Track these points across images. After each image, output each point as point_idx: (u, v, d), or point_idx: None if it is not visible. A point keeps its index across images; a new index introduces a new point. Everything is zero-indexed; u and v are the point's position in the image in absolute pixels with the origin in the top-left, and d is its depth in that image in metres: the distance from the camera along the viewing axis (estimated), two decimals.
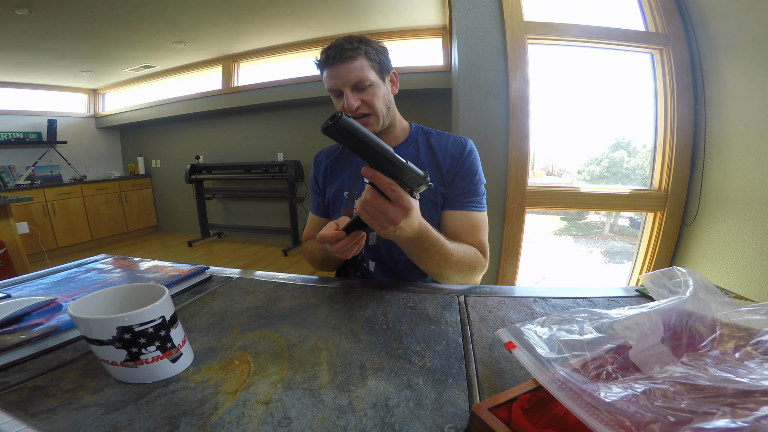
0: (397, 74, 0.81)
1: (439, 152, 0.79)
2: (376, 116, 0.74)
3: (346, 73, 0.70)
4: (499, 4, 1.52)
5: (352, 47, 0.70)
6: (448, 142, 0.80)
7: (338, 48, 0.70)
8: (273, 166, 3.72)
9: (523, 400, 0.28)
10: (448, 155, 0.78)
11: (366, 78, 0.71)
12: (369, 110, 0.73)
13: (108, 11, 2.46)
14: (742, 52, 1.26)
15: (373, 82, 0.73)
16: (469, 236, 0.75)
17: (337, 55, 0.70)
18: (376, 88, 0.73)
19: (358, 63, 0.70)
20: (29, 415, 0.32)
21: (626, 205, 1.67)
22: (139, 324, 0.34)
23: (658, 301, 0.35)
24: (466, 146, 0.79)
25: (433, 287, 0.60)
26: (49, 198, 3.65)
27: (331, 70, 0.72)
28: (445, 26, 2.94)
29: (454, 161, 0.77)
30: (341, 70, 0.70)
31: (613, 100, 1.82)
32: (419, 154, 0.80)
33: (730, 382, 0.24)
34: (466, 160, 0.77)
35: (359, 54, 0.71)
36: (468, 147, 0.79)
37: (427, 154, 0.80)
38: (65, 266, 0.71)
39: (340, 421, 0.30)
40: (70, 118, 4.34)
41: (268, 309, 0.53)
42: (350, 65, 0.70)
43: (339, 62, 0.70)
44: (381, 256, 0.80)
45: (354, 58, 0.70)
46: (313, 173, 0.90)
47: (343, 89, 0.71)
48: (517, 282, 1.79)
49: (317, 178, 0.89)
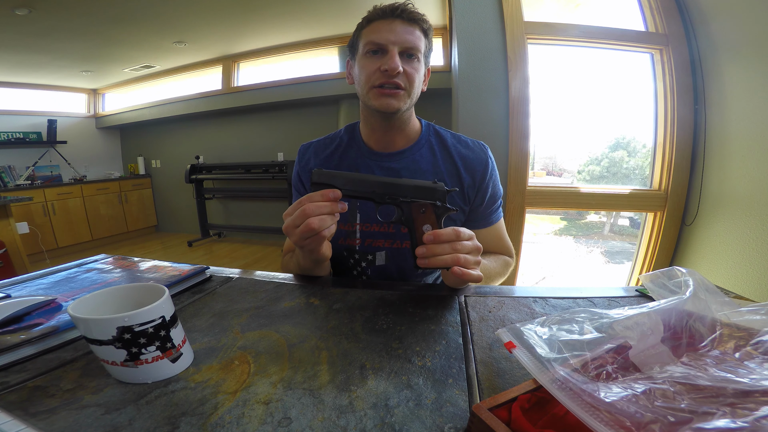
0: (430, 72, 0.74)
1: (459, 162, 0.71)
2: (408, 94, 0.65)
3: (405, 33, 0.62)
4: (499, 4, 1.52)
5: (420, 15, 0.64)
6: (468, 151, 0.73)
7: (407, 7, 0.63)
8: (273, 166, 3.72)
9: (523, 400, 0.28)
10: (470, 169, 0.71)
11: (419, 48, 0.64)
12: (406, 84, 0.64)
13: (108, 11, 2.46)
14: (742, 52, 1.26)
15: (421, 60, 0.66)
16: (497, 246, 0.77)
17: (404, 13, 0.63)
18: (421, 66, 0.66)
19: (418, 31, 0.64)
20: (29, 415, 0.31)
21: (626, 205, 1.67)
22: (139, 324, 0.34)
23: (658, 301, 0.35)
24: (489, 162, 0.73)
25: (433, 287, 0.60)
26: (49, 198, 3.65)
27: (385, 23, 0.63)
28: (445, 26, 2.94)
29: (476, 178, 0.71)
30: (399, 26, 0.62)
31: (613, 100, 1.82)
32: (437, 160, 0.72)
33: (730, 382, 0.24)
34: (490, 179, 0.72)
35: (423, 24, 0.65)
36: (491, 163, 0.73)
37: (445, 161, 0.72)
38: (65, 266, 0.71)
39: (340, 421, 0.30)
40: (70, 118, 4.34)
41: (268, 309, 0.53)
42: (411, 28, 0.63)
43: (402, 19, 0.63)
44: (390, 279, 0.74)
45: (417, 24, 0.64)
46: (297, 170, 0.78)
47: (391, 47, 0.62)
48: (517, 282, 1.79)
49: (302, 176, 0.77)
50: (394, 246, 0.72)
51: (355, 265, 0.74)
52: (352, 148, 0.75)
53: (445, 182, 0.69)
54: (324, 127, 3.68)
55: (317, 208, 0.48)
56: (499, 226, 0.77)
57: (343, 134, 0.77)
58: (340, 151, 0.75)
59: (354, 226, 0.72)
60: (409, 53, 0.63)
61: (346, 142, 0.76)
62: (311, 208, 0.48)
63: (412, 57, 0.64)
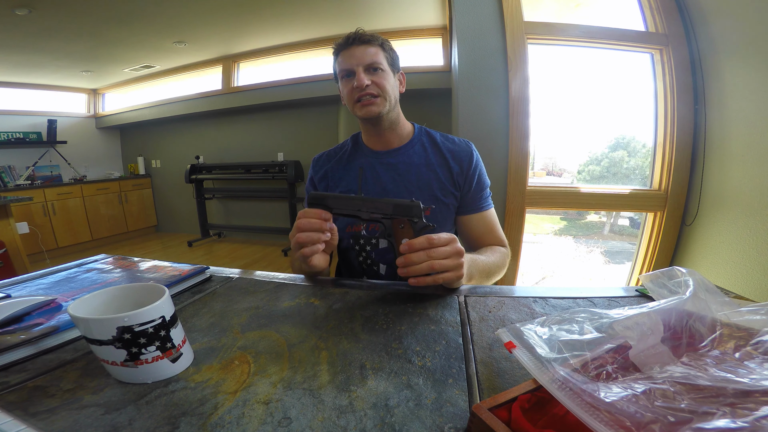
0: (405, 75, 0.84)
1: (447, 154, 0.82)
2: (384, 98, 0.76)
3: (361, 54, 0.74)
4: (499, 4, 1.52)
5: (371, 35, 0.76)
6: (454, 146, 0.83)
7: (357, 33, 0.76)
8: (273, 166, 3.72)
9: (523, 400, 0.28)
10: (457, 160, 0.81)
11: (380, 62, 0.75)
12: (378, 91, 0.75)
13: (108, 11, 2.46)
14: (742, 52, 1.26)
15: (385, 69, 0.76)
16: (490, 236, 0.83)
17: (356, 38, 0.75)
18: (387, 74, 0.77)
19: (373, 49, 0.75)
20: (29, 415, 0.31)
21: (626, 205, 1.67)
22: (139, 324, 0.34)
23: (658, 301, 0.35)
24: (473, 153, 0.83)
25: (433, 287, 0.60)
26: (49, 198, 3.65)
27: (346, 51, 0.76)
28: (445, 26, 2.94)
29: (463, 167, 0.81)
30: (357, 51, 0.74)
31: (613, 100, 1.82)
32: (428, 155, 0.82)
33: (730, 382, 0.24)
34: (476, 168, 0.82)
35: (376, 42, 0.76)
36: (475, 154, 0.83)
37: (435, 155, 0.82)
38: (65, 266, 0.71)
39: (340, 421, 0.30)
40: (70, 118, 4.34)
41: (268, 309, 0.53)
42: (366, 48, 0.75)
43: (356, 44, 0.75)
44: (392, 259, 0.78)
45: (371, 44, 0.75)
46: (312, 176, 0.90)
47: (355, 69, 0.74)
48: (517, 282, 1.79)
49: (315, 183, 0.89)
50: None
51: (360, 251, 0.81)
52: (357, 151, 0.87)
53: (437, 173, 0.80)
54: (324, 127, 3.68)
55: (308, 224, 0.56)
56: (490, 215, 0.84)
57: (349, 142, 0.90)
58: (347, 155, 0.87)
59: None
60: (373, 67, 0.75)
61: (352, 148, 0.88)
62: (303, 224, 0.56)
63: (377, 69, 0.75)
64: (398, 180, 0.80)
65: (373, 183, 0.81)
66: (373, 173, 0.82)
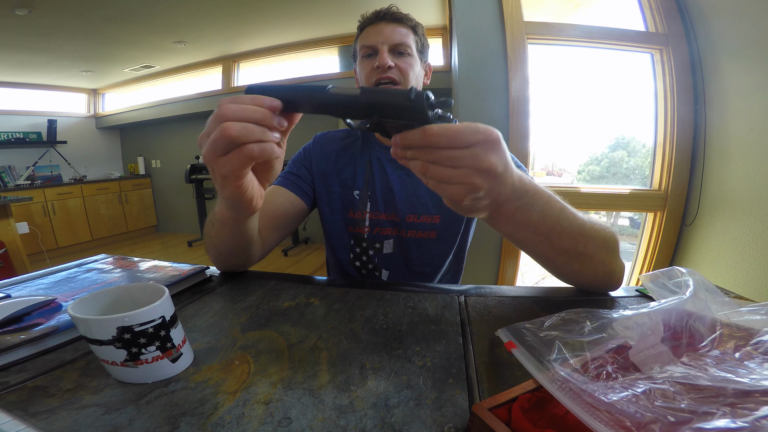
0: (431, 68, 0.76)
1: None
2: (403, 86, 0.67)
3: (390, 32, 0.66)
4: (499, 4, 1.52)
5: (404, 14, 0.68)
6: None
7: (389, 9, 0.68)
8: None
9: (523, 400, 0.28)
10: None
11: (409, 44, 0.67)
12: (400, 78, 0.66)
13: (108, 11, 2.46)
14: (742, 52, 1.26)
15: (413, 55, 0.68)
16: None
17: (386, 14, 0.67)
18: (414, 61, 0.69)
19: (404, 29, 0.68)
20: (29, 415, 0.31)
21: (626, 205, 1.67)
22: (139, 324, 0.34)
23: (658, 301, 0.35)
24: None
25: (433, 287, 0.60)
26: (49, 198, 3.65)
27: (373, 27, 0.68)
28: (445, 26, 2.94)
29: None
30: (386, 28, 0.66)
31: (613, 100, 1.82)
32: None
33: (730, 382, 0.24)
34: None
35: (408, 23, 0.69)
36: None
37: None
38: (65, 266, 0.71)
39: (340, 421, 0.30)
40: (70, 118, 4.34)
41: (268, 309, 0.53)
42: (396, 27, 0.67)
43: (385, 20, 0.67)
44: (396, 266, 0.73)
45: (402, 23, 0.68)
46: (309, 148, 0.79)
47: (380, 47, 0.66)
48: (517, 282, 1.79)
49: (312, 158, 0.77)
50: (401, 234, 0.72)
51: (360, 254, 0.74)
52: (367, 143, 0.78)
53: None
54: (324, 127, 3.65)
55: (241, 110, 0.34)
56: None
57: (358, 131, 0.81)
58: (356, 144, 0.78)
59: (364, 214, 0.73)
60: (399, 50, 0.67)
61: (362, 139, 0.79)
62: (231, 110, 0.34)
63: (403, 53, 0.67)
64: (406, 180, 0.72)
65: (378, 180, 0.73)
66: (380, 169, 0.74)
